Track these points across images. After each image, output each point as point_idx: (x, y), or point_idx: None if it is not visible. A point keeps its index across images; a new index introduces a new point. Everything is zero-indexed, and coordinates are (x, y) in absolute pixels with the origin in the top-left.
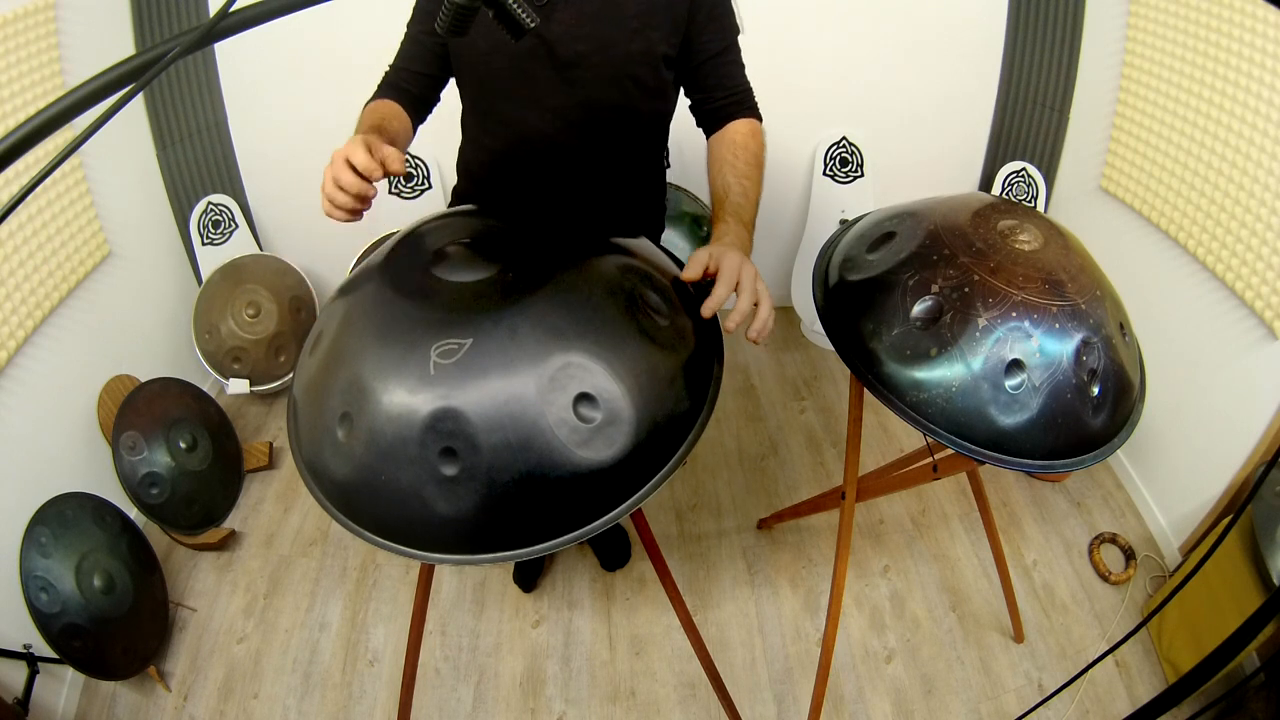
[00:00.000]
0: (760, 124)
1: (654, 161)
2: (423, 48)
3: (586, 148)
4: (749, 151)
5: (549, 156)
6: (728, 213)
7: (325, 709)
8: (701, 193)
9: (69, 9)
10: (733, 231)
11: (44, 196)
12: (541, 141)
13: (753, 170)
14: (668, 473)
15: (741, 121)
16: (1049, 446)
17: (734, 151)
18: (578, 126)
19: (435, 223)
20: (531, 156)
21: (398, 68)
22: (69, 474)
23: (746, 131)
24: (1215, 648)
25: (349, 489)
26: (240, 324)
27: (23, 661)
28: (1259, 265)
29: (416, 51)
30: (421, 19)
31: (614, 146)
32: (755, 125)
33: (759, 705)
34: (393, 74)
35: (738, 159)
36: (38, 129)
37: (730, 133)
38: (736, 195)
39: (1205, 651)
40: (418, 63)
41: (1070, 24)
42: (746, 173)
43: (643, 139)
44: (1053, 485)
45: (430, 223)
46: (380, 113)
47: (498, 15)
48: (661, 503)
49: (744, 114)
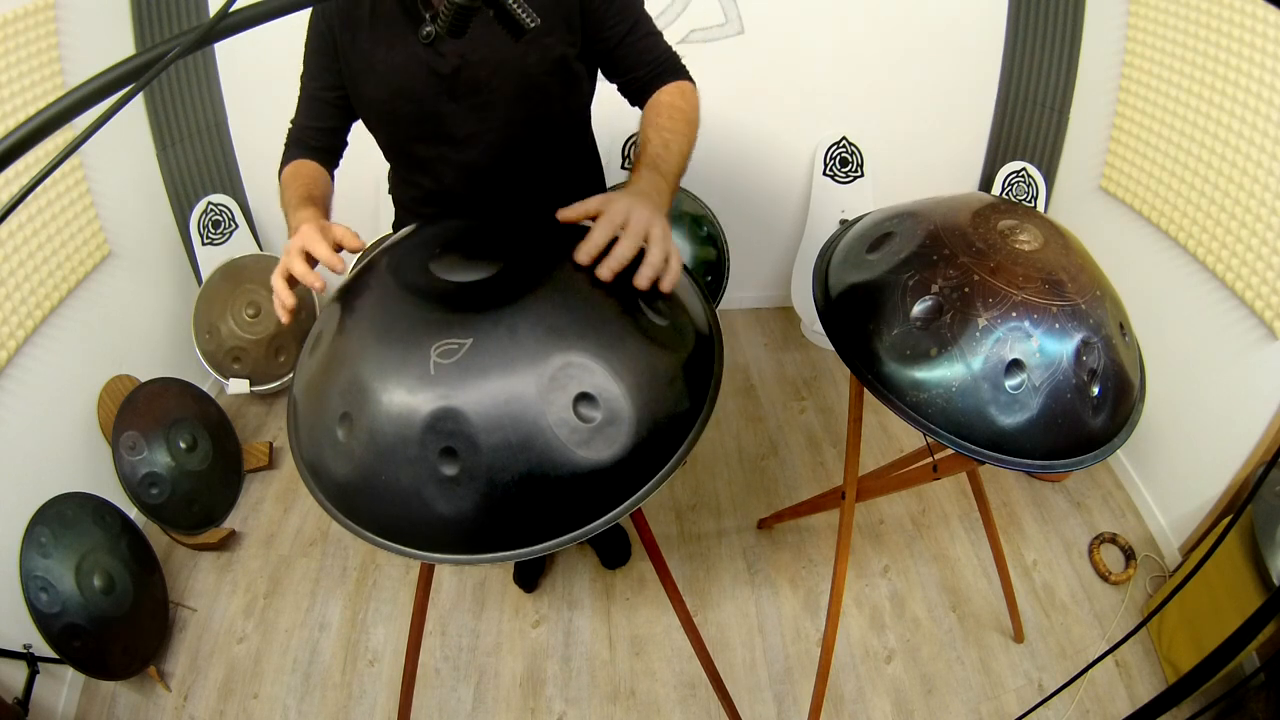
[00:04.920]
0: (691, 84)
1: (583, 151)
2: (322, 103)
3: (512, 167)
4: (673, 108)
5: (477, 182)
6: (643, 164)
7: (325, 709)
8: (701, 192)
9: (69, 9)
10: (645, 179)
11: (44, 196)
12: (466, 171)
13: (677, 124)
14: (668, 473)
15: (669, 86)
16: (1049, 446)
17: (658, 111)
18: (497, 148)
19: (435, 223)
20: (461, 185)
21: (301, 125)
22: (69, 474)
23: (674, 91)
24: (1215, 648)
25: (349, 489)
26: (240, 324)
27: (23, 661)
28: (1259, 265)
29: (316, 109)
30: (315, 77)
31: (538, 155)
32: (683, 86)
33: (759, 705)
34: (297, 132)
35: (659, 115)
36: (38, 129)
37: (657, 96)
38: (655, 147)
39: (1205, 651)
40: (320, 119)
41: (1070, 24)
42: (669, 126)
43: (564, 142)
44: (1053, 485)
45: (430, 223)
46: (303, 178)
47: (498, 15)
48: (661, 503)
49: (671, 79)
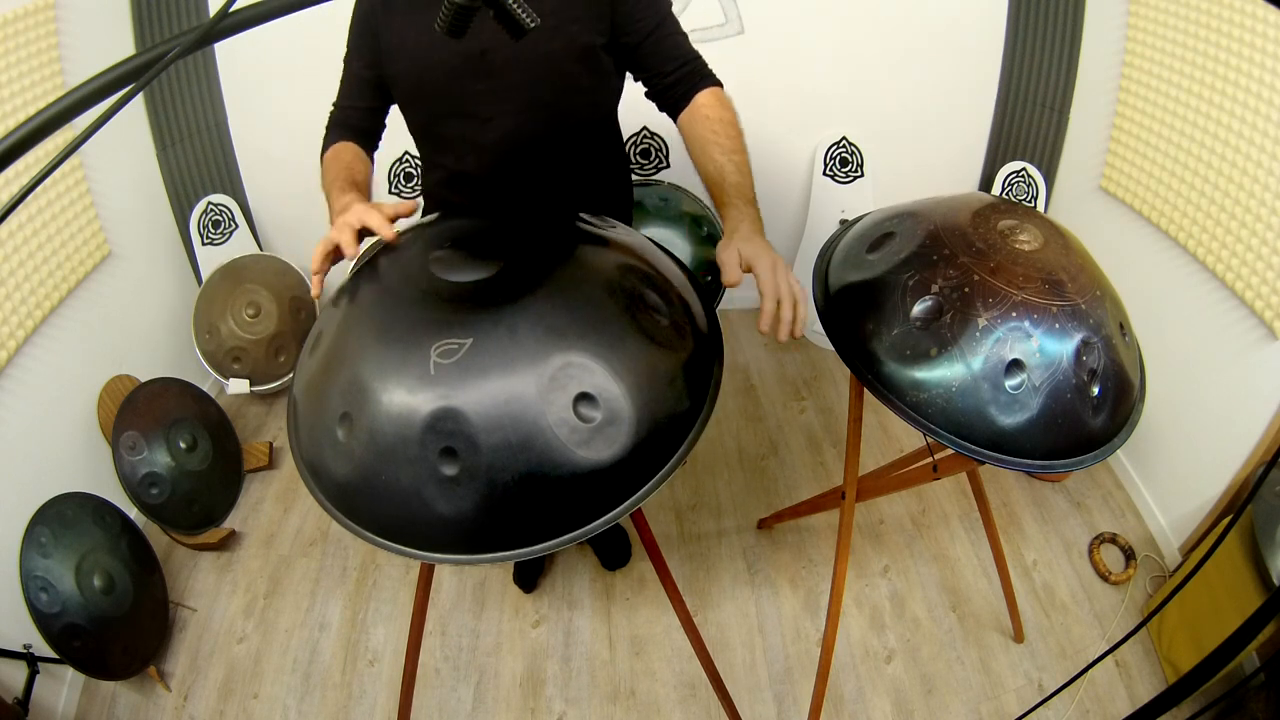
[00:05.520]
0: (722, 89)
1: (609, 151)
2: (363, 83)
3: (532, 154)
4: (725, 123)
5: (501, 166)
6: (732, 195)
7: (325, 709)
8: (701, 192)
9: (69, 9)
10: (746, 216)
11: (44, 196)
12: (490, 152)
13: (737, 143)
14: (668, 473)
15: (705, 94)
16: (1049, 446)
17: (712, 128)
18: (521, 132)
19: (435, 222)
20: (484, 168)
21: (342, 105)
22: (69, 474)
23: (715, 103)
24: (1215, 648)
25: (349, 489)
26: (240, 324)
27: (23, 661)
28: (1259, 265)
29: (357, 88)
30: (356, 56)
31: (560, 148)
32: (719, 94)
33: (759, 705)
34: (339, 113)
35: (718, 134)
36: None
37: (700, 109)
38: (733, 175)
39: (1205, 651)
40: (361, 98)
41: (1070, 24)
42: (733, 147)
43: (587, 136)
44: (1053, 485)
45: (430, 222)
46: (344, 161)
47: (498, 15)
48: (661, 503)
49: (703, 84)
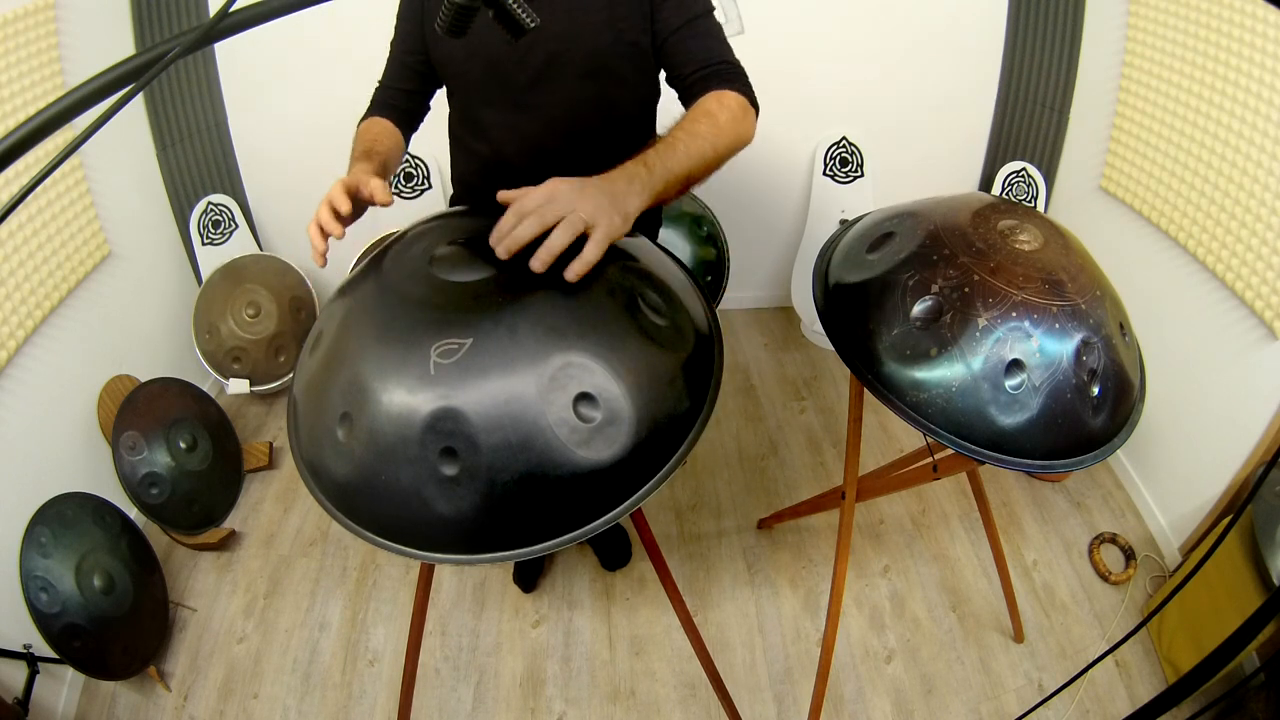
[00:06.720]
0: (739, 96)
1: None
2: (406, 67)
3: (572, 145)
4: (705, 112)
5: (537, 158)
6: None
7: (325, 709)
8: (701, 192)
9: (69, 9)
10: (620, 169)
11: (44, 196)
12: (527, 143)
13: (698, 126)
14: (668, 473)
15: (713, 93)
16: (1049, 446)
17: (692, 114)
18: (561, 123)
19: (435, 222)
20: (521, 159)
21: (385, 86)
22: (69, 474)
23: (714, 98)
24: (1215, 648)
25: (349, 489)
26: (240, 324)
27: (23, 661)
28: (1259, 265)
29: (401, 71)
30: (402, 40)
31: (600, 141)
32: (726, 94)
33: (759, 705)
34: (381, 92)
35: (687, 117)
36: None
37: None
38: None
39: (1205, 651)
40: (404, 81)
41: (1070, 24)
42: (688, 128)
43: (628, 130)
44: (1053, 485)
45: (430, 222)
46: (372, 134)
47: (497, 15)
48: (661, 503)
49: (718, 85)
